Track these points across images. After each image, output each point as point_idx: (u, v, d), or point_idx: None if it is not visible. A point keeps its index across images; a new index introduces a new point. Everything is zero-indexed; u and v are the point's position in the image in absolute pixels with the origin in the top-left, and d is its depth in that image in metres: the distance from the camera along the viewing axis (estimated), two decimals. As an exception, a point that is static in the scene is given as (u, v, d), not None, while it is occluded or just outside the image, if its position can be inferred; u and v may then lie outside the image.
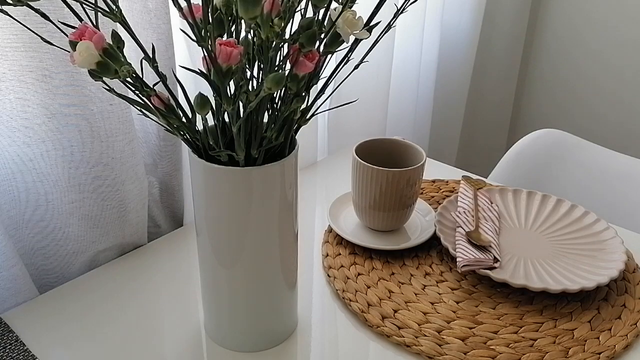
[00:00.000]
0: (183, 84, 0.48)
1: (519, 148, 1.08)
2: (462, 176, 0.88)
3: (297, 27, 0.45)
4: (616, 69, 1.63)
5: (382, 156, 0.75)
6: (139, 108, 0.46)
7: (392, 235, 0.75)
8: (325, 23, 0.46)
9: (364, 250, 0.72)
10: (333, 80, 0.50)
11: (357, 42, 0.48)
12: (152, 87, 0.45)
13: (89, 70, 0.41)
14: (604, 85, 1.67)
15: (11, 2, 0.38)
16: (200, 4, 0.40)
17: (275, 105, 0.49)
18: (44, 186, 0.63)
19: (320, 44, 0.46)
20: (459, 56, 1.46)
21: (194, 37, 0.41)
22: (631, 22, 1.56)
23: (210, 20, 0.41)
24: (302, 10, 0.46)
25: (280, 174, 0.50)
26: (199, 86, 0.71)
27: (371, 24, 0.47)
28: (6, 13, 0.41)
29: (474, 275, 0.69)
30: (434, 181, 0.91)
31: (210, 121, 0.48)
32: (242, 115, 0.45)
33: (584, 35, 1.65)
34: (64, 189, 0.64)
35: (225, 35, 0.46)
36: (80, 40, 0.40)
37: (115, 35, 0.43)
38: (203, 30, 0.40)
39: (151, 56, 0.44)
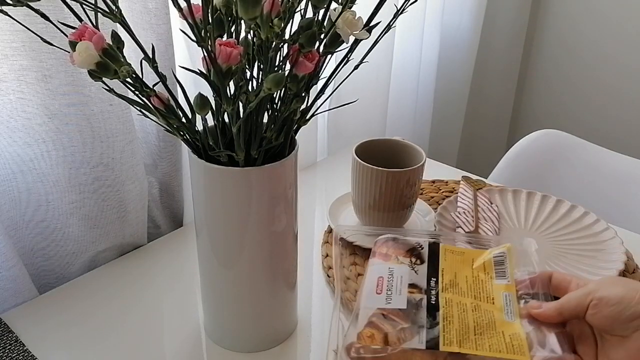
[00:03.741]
0: (183, 85, 0.48)
1: (519, 148, 1.08)
2: (462, 176, 0.88)
3: (297, 28, 0.45)
4: (618, 66, 1.62)
5: (382, 156, 0.75)
6: (138, 108, 0.46)
7: (392, 235, 0.75)
8: (325, 23, 0.46)
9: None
10: (333, 81, 0.50)
11: (356, 42, 0.48)
12: (151, 87, 0.45)
13: (88, 71, 0.41)
14: (605, 82, 1.67)
15: (11, 2, 0.38)
16: (200, 4, 0.40)
17: (275, 105, 0.49)
18: (44, 186, 0.63)
19: (320, 44, 0.46)
20: (459, 56, 1.46)
21: (193, 38, 0.41)
22: (634, 18, 1.56)
23: (210, 21, 0.41)
24: (302, 11, 0.46)
25: (280, 174, 0.50)
26: (198, 86, 0.71)
27: (371, 24, 0.47)
28: (6, 13, 0.41)
29: (473, 275, 0.69)
30: (433, 181, 0.91)
31: (210, 121, 0.48)
32: (241, 116, 0.45)
33: (585, 33, 1.65)
34: (64, 190, 0.64)
35: (225, 35, 0.46)
36: (80, 40, 0.40)
37: (115, 35, 0.43)
38: (203, 31, 0.40)
39: (151, 56, 0.44)
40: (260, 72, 0.47)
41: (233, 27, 0.46)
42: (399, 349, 0.45)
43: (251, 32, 0.45)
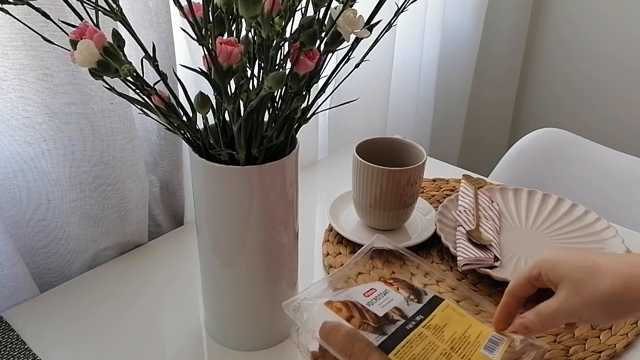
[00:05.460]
0: (184, 83, 0.48)
1: (520, 147, 1.08)
2: (463, 175, 0.88)
3: (297, 26, 0.45)
4: (618, 67, 1.62)
5: (382, 155, 0.75)
6: (139, 107, 0.46)
7: (392, 234, 0.75)
8: (325, 22, 0.46)
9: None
10: (333, 79, 0.50)
11: (357, 41, 0.48)
12: (152, 86, 0.45)
13: (89, 69, 0.41)
14: (605, 83, 1.66)
15: (12, 0, 0.38)
16: (201, 2, 0.40)
17: (275, 104, 0.49)
18: (44, 185, 0.63)
19: (320, 42, 0.46)
20: (461, 55, 1.46)
21: (194, 36, 0.41)
22: (634, 20, 1.55)
23: (211, 19, 0.41)
24: (303, 9, 0.46)
25: (280, 173, 0.50)
26: (199, 85, 0.71)
27: (372, 22, 0.47)
28: (7, 12, 0.41)
29: (474, 274, 0.69)
30: (434, 180, 0.91)
31: (211, 120, 0.48)
32: (242, 114, 0.45)
33: (585, 33, 1.65)
34: (65, 188, 0.64)
35: (226, 34, 0.46)
36: (81, 39, 0.40)
37: (115, 34, 0.43)
38: (204, 29, 0.41)
39: (152, 55, 0.44)
40: (261, 71, 0.46)
41: (234, 26, 0.46)
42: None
43: (252, 30, 0.45)
